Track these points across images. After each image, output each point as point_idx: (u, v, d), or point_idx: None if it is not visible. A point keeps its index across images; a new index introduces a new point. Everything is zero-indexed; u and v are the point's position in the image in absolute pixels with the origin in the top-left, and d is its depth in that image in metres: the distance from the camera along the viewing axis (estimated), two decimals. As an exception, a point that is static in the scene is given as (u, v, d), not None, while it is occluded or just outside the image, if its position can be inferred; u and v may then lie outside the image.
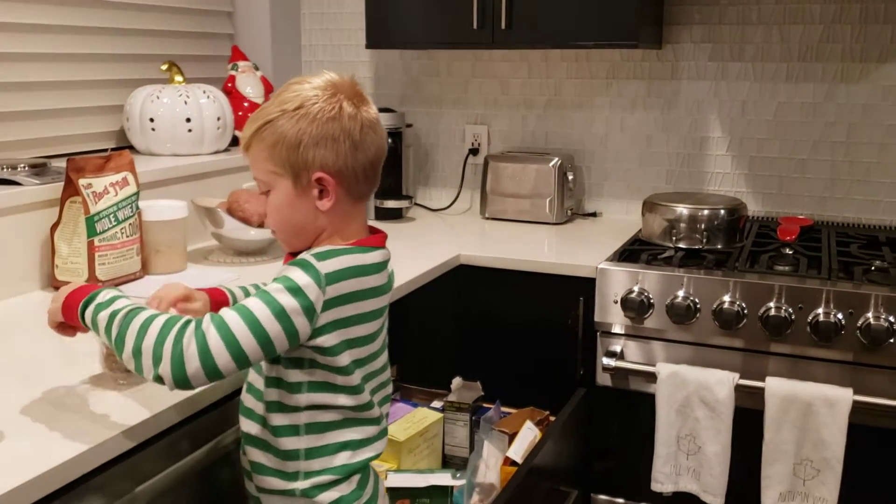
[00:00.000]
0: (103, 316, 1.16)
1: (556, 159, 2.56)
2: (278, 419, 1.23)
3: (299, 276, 1.15)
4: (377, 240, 1.30)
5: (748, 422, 1.92)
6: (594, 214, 2.70)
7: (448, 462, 1.88)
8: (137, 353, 1.11)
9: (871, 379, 1.85)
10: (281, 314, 1.12)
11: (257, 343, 1.12)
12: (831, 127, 2.44)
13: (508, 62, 2.74)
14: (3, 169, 1.82)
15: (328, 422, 1.24)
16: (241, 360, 1.12)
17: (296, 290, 1.14)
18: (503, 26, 2.36)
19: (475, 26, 2.39)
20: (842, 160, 2.44)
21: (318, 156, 1.20)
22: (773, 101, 2.49)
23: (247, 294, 1.47)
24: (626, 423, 2.09)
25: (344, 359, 1.22)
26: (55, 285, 1.81)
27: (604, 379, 2.09)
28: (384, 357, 1.33)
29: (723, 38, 2.50)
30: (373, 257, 1.26)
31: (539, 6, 2.33)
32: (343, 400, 1.24)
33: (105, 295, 1.20)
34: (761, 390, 1.90)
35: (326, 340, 1.18)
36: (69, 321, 1.24)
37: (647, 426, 2.01)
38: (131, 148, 2.36)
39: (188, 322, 1.12)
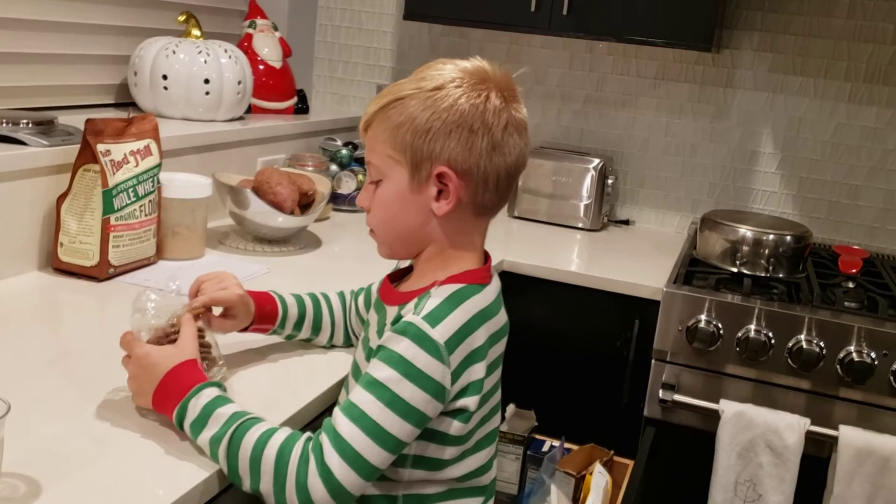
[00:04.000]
0: (204, 440, 0.95)
1: (598, 161, 2.36)
2: (370, 489, 1.01)
3: (416, 355, 0.93)
4: (488, 269, 1.09)
5: (810, 471, 1.77)
6: (626, 222, 2.52)
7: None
8: (257, 491, 0.92)
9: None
10: (409, 412, 0.93)
11: (387, 451, 0.93)
12: (890, 154, 2.30)
13: (549, 49, 2.53)
14: (3, 124, 1.52)
15: (428, 494, 1.04)
16: (373, 475, 0.93)
17: (417, 375, 0.93)
18: (564, 11, 2.14)
19: (532, 8, 2.16)
20: (898, 190, 2.31)
21: (448, 148, 1.00)
22: (831, 121, 2.34)
23: (301, 305, 1.24)
24: (676, 462, 1.92)
25: (472, 422, 1.01)
26: (57, 266, 1.53)
27: (653, 411, 1.91)
28: (499, 405, 1.12)
29: (786, 48, 2.34)
30: (490, 293, 1.05)
31: (606, -6, 2.12)
32: (450, 472, 1.03)
33: (195, 406, 0.96)
34: (832, 439, 1.75)
35: (467, 403, 0.98)
36: (158, 409, 1.01)
37: (699, 467, 1.85)
38: (134, 105, 2.07)
39: (305, 446, 0.91)
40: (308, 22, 2.71)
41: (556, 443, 1.74)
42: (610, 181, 2.38)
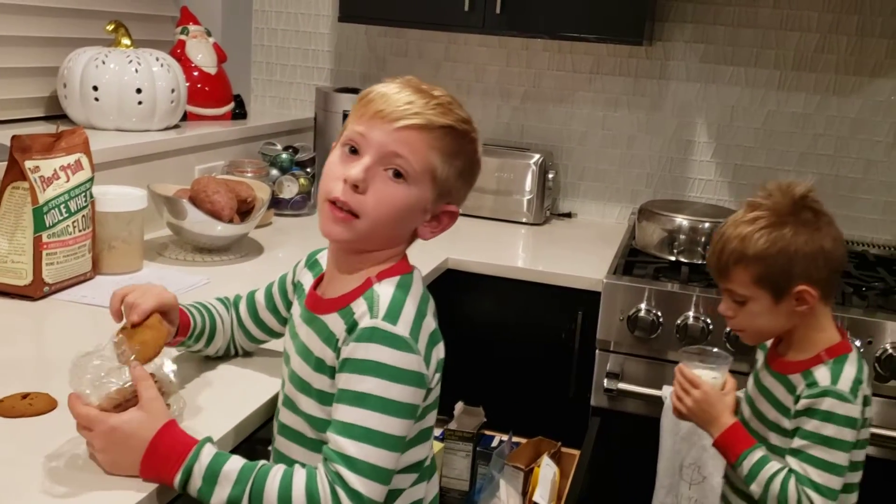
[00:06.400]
0: (220, 501, 0.94)
1: (538, 156, 2.39)
2: None
3: (390, 357, 0.97)
4: (407, 258, 1.14)
5: (752, 450, 1.82)
6: (569, 215, 2.55)
7: (445, 497, 1.69)
8: None
9: (888, 410, 1.78)
10: (404, 409, 0.97)
11: (398, 451, 0.98)
12: (819, 139, 2.37)
13: (486, 47, 2.54)
14: (-75, 142, 1.48)
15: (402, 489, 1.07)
16: (392, 476, 0.98)
17: (397, 374, 0.97)
18: (497, 10, 2.16)
19: (466, 8, 2.18)
20: (828, 174, 2.38)
21: (466, 187, 1.11)
22: (762, 108, 2.39)
23: (205, 316, 1.24)
24: (623, 450, 1.95)
25: (430, 397, 1.06)
26: (-11, 287, 1.50)
27: (600, 400, 1.95)
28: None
29: (716, 39, 2.39)
30: (419, 278, 1.11)
31: (538, -9, 2.15)
32: (422, 452, 1.07)
33: (199, 469, 0.94)
34: (772, 419, 1.80)
35: (432, 381, 1.05)
36: (148, 477, 0.96)
37: (646, 453, 1.88)
38: (64, 117, 2.03)
39: (328, 481, 0.94)
40: (243, 26, 2.69)
41: (505, 437, 1.76)
42: (551, 175, 2.41)
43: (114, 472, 0.97)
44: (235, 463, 0.95)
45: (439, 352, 1.05)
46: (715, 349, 1.50)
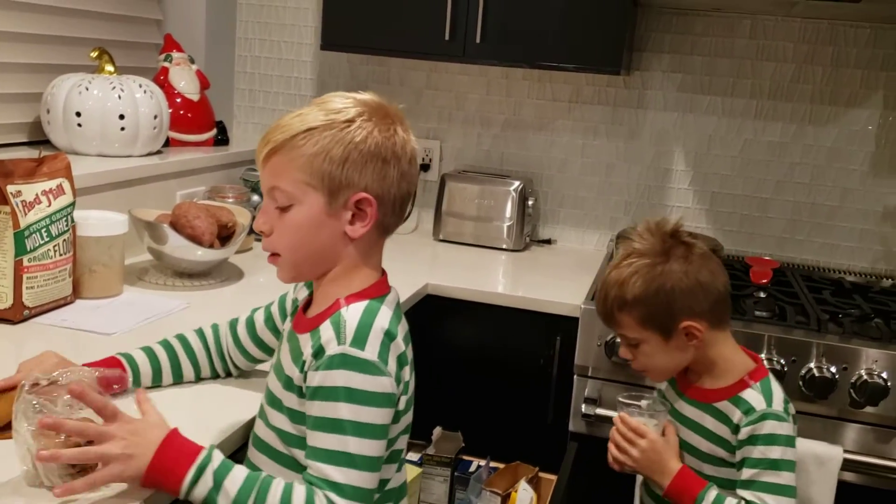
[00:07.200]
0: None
1: (518, 183, 2.42)
2: None
3: (361, 382, 1.00)
4: (386, 280, 1.15)
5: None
6: (549, 241, 2.58)
7: (423, 522, 1.70)
8: None
9: (863, 436, 1.80)
10: (379, 430, 1.00)
11: (378, 470, 1.01)
12: (796, 168, 2.41)
13: (467, 76, 2.58)
14: None
15: None
16: (375, 493, 1.02)
17: (370, 398, 1.00)
18: (477, 40, 2.20)
19: (447, 37, 2.21)
20: (804, 202, 2.41)
21: (365, 176, 1.06)
22: (739, 137, 2.43)
23: (154, 360, 1.26)
24: (601, 476, 1.95)
25: (402, 423, 1.09)
26: (-32, 311, 1.50)
27: (578, 425, 1.95)
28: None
29: (693, 69, 2.43)
30: (392, 301, 1.12)
31: (517, 22, 2.18)
32: (388, 473, 1.09)
33: (213, 467, 0.97)
34: (749, 444, 1.81)
35: (400, 403, 1.07)
36: (154, 477, 0.97)
37: (624, 479, 1.89)
38: (47, 142, 2.04)
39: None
40: (226, 53, 2.71)
41: (483, 462, 1.76)
42: (530, 202, 2.44)
43: (124, 479, 0.97)
44: (239, 472, 0.98)
45: (405, 374, 1.07)
46: (646, 393, 1.48)
